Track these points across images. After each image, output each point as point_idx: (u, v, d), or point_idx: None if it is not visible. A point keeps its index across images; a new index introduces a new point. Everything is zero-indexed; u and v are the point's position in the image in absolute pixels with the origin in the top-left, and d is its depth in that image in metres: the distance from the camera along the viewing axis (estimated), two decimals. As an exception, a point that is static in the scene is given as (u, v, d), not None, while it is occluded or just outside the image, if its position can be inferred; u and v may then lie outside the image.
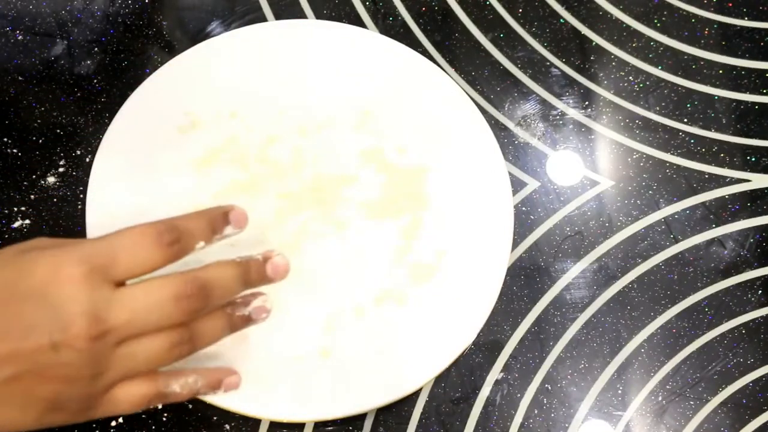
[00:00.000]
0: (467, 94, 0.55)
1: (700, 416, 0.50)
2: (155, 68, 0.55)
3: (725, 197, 0.55)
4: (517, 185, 0.55)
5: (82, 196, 0.53)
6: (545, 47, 0.58)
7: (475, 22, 0.59)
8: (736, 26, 0.60)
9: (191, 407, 0.49)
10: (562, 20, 0.59)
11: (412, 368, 0.49)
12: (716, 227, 0.54)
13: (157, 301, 0.36)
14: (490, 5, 0.59)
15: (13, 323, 0.33)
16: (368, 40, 0.56)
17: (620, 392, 0.51)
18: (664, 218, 0.54)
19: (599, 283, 0.53)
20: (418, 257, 0.51)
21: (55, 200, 0.53)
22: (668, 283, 0.53)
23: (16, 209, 0.52)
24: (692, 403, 0.50)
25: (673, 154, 0.56)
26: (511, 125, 0.56)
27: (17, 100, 0.55)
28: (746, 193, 0.55)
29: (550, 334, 0.52)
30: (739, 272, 0.53)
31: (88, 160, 0.54)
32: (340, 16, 0.58)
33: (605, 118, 0.57)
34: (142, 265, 0.36)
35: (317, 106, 0.54)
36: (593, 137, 0.56)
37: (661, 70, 0.58)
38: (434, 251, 0.51)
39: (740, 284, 0.53)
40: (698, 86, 0.58)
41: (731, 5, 0.60)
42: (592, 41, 0.59)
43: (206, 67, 0.55)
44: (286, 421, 0.48)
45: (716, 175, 0.56)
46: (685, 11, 0.60)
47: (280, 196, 0.52)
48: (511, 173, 0.54)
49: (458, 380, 0.50)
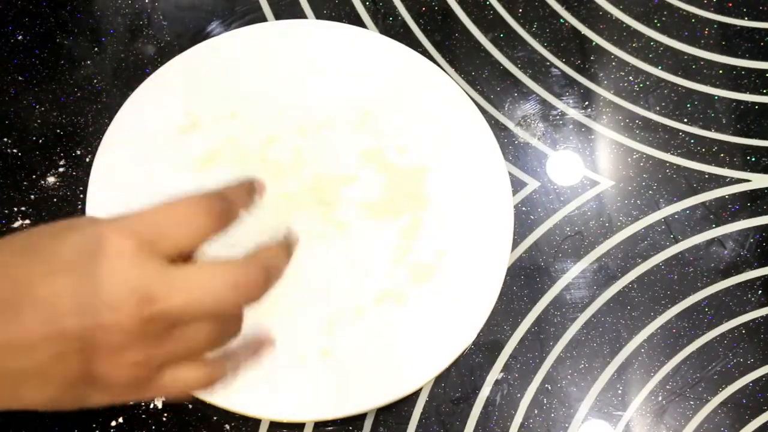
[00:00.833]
0: (467, 94, 0.55)
1: (700, 416, 0.50)
2: (155, 68, 0.55)
3: (725, 197, 0.55)
4: (517, 185, 0.55)
5: (82, 196, 0.53)
6: (545, 47, 0.58)
7: (475, 22, 0.59)
8: (736, 26, 0.60)
9: (191, 407, 0.49)
10: (562, 20, 0.59)
11: (412, 368, 0.49)
12: (716, 227, 0.54)
13: (215, 286, 0.33)
14: (490, 5, 0.59)
15: (60, 300, 0.31)
16: (368, 40, 0.56)
17: (620, 392, 0.51)
18: (664, 218, 0.54)
19: (599, 283, 0.53)
20: (418, 257, 0.51)
21: (55, 200, 0.53)
22: (668, 283, 0.53)
23: (16, 209, 0.52)
24: (692, 403, 0.50)
25: (673, 154, 0.56)
26: (511, 125, 0.56)
27: (17, 100, 0.55)
28: (746, 193, 0.55)
29: (550, 334, 0.52)
30: (739, 272, 0.53)
31: (88, 160, 0.54)
32: (340, 16, 0.58)
33: (605, 118, 0.57)
34: (194, 236, 0.34)
35: (317, 106, 0.54)
36: (593, 137, 0.56)
37: (661, 70, 0.58)
38: (434, 251, 0.51)
39: (740, 284, 0.53)
40: (698, 86, 0.58)
41: (731, 5, 0.60)
42: (592, 41, 0.59)
43: (206, 67, 0.55)
44: (286, 421, 0.48)
45: (716, 175, 0.56)
46: (685, 11, 0.60)
47: (280, 196, 0.52)
48: (511, 173, 0.54)
49: (458, 380, 0.50)
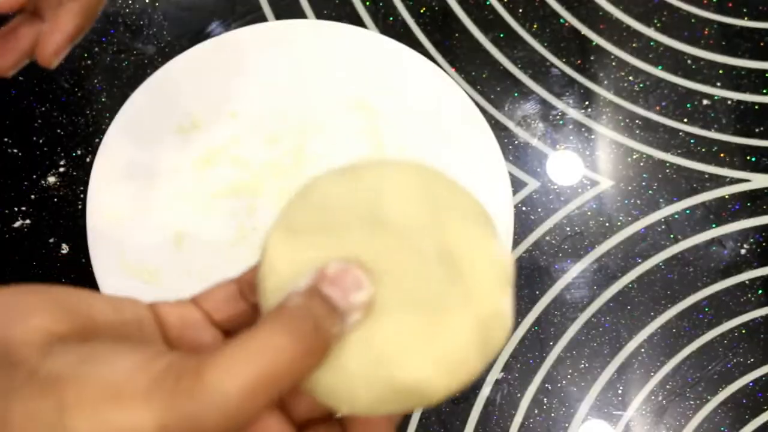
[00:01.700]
0: (467, 94, 0.55)
1: (700, 416, 0.50)
2: (155, 68, 0.55)
3: (725, 197, 0.55)
4: (517, 185, 0.55)
5: (82, 196, 0.53)
6: (545, 47, 0.58)
7: (475, 22, 0.59)
8: (736, 26, 0.60)
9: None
10: (562, 20, 0.59)
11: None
12: (716, 227, 0.54)
13: None
14: (490, 5, 0.59)
15: None
16: (368, 40, 0.56)
17: (620, 392, 0.51)
18: (664, 218, 0.54)
19: (599, 283, 0.53)
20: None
21: (55, 200, 0.53)
22: (668, 283, 0.53)
23: (16, 209, 0.52)
24: (692, 402, 0.50)
25: (673, 154, 0.56)
26: (511, 125, 0.56)
27: (17, 100, 0.55)
28: (746, 193, 0.55)
29: (550, 334, 0.52)
30: (739, 272, 0.53)
31: (88, 160, 0.54)
32: (340, 16, 0.58)
33: (605, 118, 0.57)
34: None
35: (317, 106, 0.54)
36: (593, 137, 0.56)
37: (661, 70, 0.58)
38: (434, 251, 0.51)
39: (740, 284, 0.53)
40: (698, 86, 0.58)
41: (731, 5, 0.60)
42: (592, 41, 0.59)
43: (206, 67, 0.55)
44: (286, 421, 0.48)
45: (716, 175, 0.56)
46: (685, 11, 0.60)
47: (280, 196, 0.52)
48: (511, 173, 0.54)
49: (458, 380, 0.50)
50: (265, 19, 0.58)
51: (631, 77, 0.58)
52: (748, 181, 0.56)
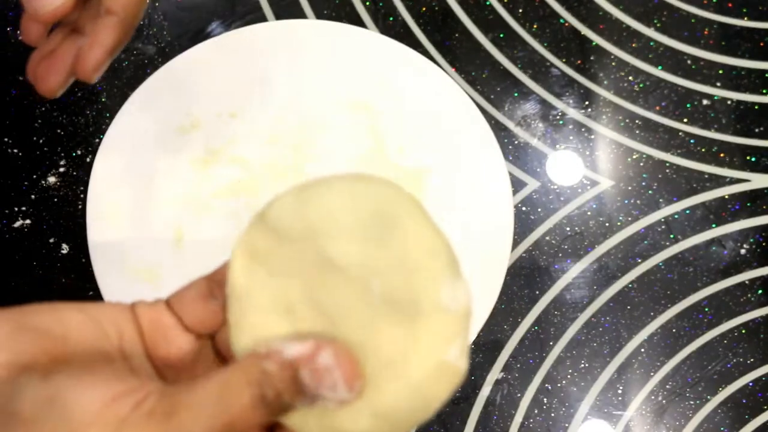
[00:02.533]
0: (467, 94, 0.55)
1: (700, 416, 0.50)
2: (155, 68, 0.55)
3: (725, 197, 0.55)
4: (517, 185, 0.55)
5: (82, 196, 0.53)
6: (545, 47, 0.58)
7: (475, 22, 0.59)
8: (736, 26, 0.60)
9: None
10: (562, 20, 0.59)
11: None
12: (716, 227, 0.54)
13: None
14: (490, 5, 0.59)
15: None
16: (368, 40, 0.56)
17: (620, 392, 0.51)
18: (664, 218, 0.54)
19: (599, 283, 0.53)
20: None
21: (55, 200, 0.53)
22: (668, 283, 0.53)
23: (16, 209, 0.52)
24: (692, 402, 0.50)
25: (673, 154, 0.56)
26: (511, 125, 0.56)
27: (17, 100, 0.55)
28: (746, 193, 0.55)
29: (550, 334, 0.52)
30: (739, 272, 0.53)
31: (88, 160, 0.54)
32: (340, 16, 0.58)
33: (605, 118, 0.57)
34: None
35: (317, 106, 0.54)
36: (593, 137, 0.56)
37: (661, 70, 0.58)
38: (434, 251, 0.51)
39: (740, 284, 0.53)
40: (698, 86, 0.58)
41: (731, 5, 0.60)
42: (592, 41, 0.59)
43: (206, 67, 0.55)
44: (286, 421, 0.48)
45: (716, 175, 0.56)
46: (685, 11, 0.60)
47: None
48: (511, 173, 0.54)
49: (458, 380, 0.50)
50: (265, 19, 0.58)
51: (631, 77, 0.58)
52: (748, 181, 0.56)
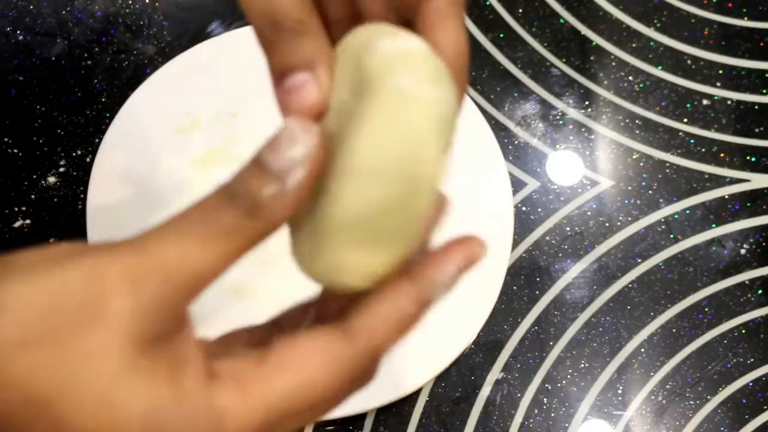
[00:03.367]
0: (467, 94, 0.55)
1: (700, 416, 0.50)
2: (155, 68, 0.55)
3: (725, 197, 0.55)
4: (517, 185, 0.55)
5: (82, 196, 0.53)
6: (545, 47, 0.58)
7: (475, 22, 0.59)
8: (736, 26, 0.60)
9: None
10: (562, 20, 0.59)
11: (412, 368, 0.49)
12: (716, 227, 0.54)
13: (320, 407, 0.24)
14: (490, 5, 0.59)
15: None
16: (368, 40, 0.56)
17: (620, 392, 0.51)
18: (664, 218, 0.54)
19: (599, 283, 0.53)
20: (418, 257, 0.51)
21: (55, 200, 0.53)
22: (668, 283, 0.53)
23: (16, 209, 0.52)
24: (692, 402, 0.50)
25: (673, 154, 0.56)
26: (511, 125, 0.56)
27: (17, 100, 0.55)
28: (746, 193, 0.55)
29: (550, 334, 0.52)
30: (739, 272, 0.53)
31: (88, 160, 0.54)
32: (340, 16, 0.58)
33: (605, 118, 0.57)
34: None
35: (317, 106, 0.54)
36: (593, 137, 0.56)
37: (661, 70, 0.58)
38: (434, 251, 0.51)
39: (740, 284, 0.53)
40: (698, 86, 0.58)
41: (731, 5, 0.60)
42: (592, 41, 0.59)
43: (206, 67, 0.55)
44: (286, 421, 0.48)
45: (716, 175, 0.56)
46: (685, 11, 0.60)
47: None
48: (511, 173, 0.54)
49: (458, 380, 0.50)
50: (265, 19, 0.58)
51: (631, 77, 0.58)
52: (748, 181, 0.56)
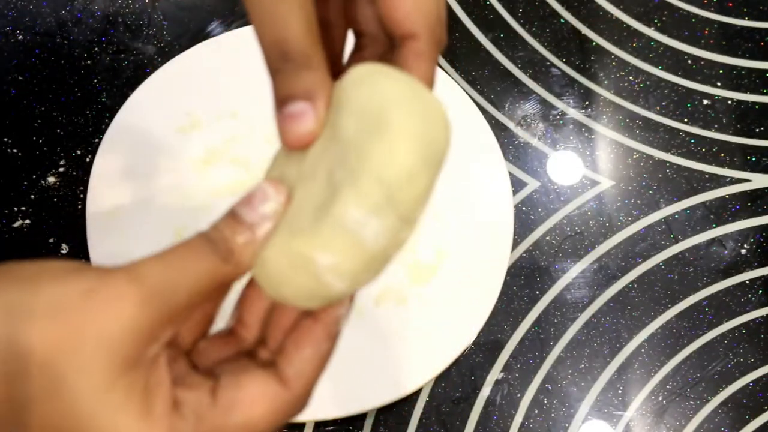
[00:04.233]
0: (467, 94, 0.55)
1: (700, 416, 0.50)
2: (155, 68, 0.55)
3: (725, 197, 0.55)
4: (517, 185, 0.54)
5: (82, 196, 0.53)
6: (545, 47, 0.58)
7: (475, 22, 0.59)
8: (736, 26, 0.60)
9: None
10: (562, 20, 0.59)
11: (412, 368, 0.49)
12: (716, 227, 0.54)
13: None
14: (490, 5, 0.59)
15: None
16: (368, 40, 0.56)
17: (620, 392, 0.51)
18: (664, 218, 0.54)
19: (599, 283, 0.53)
20: (418, 257, 0.51)
21: (55, 200, 0.53)
22: (668, 283, 0.53)
23: (16, 209, 0.52)
24: (692, 403, 0.50)
25: (673, 154, 0.56)
26: (511, 125, 0.56)
27: (17, 100, 0.55)
28: (746, 193, 0.55)
29: (550, 334, 0.52)
30: (739, 272, 0.53)
31: (88, 160, 0.54)
32: (340, 16, 0.58)
33: (605, 118, 0.57)
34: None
35: (317, 106, 0.54)
36: (593, 137, 0.56)
37: (661, 70, 0.58)
38: (434, 251, 0.51)
39: (740, 284, 0.53)
40: (698, 86, 0.58)
41: (731, 5, 0.60)
42: (592, 41, 0.59)
43: (206, 67, 0.55)
44: (286, 421, 0.48)
45: (716, 175, 0.56)
46: (685, 11, 0.60)
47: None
48: (511, 173, 0.54)
49: (458, 380, 0.50)
50: (265, 19, 0.58)
51: (631, 77, 0.58)
52: (748, 181, 0.56)
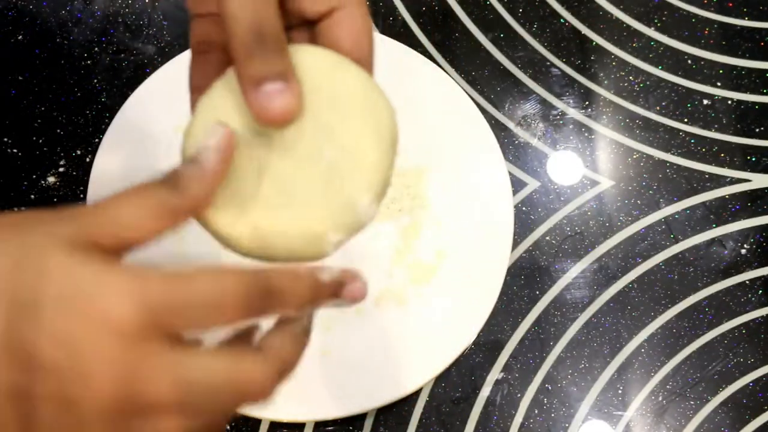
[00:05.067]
0: (467, 94, 0.55)
1: (700, 416, 0.50)
2: (155, 68, 0.55)
3: (725, 197, 0.55)
4: (517, 185, 0.54)
5: (82, 196, 0.53)
6: (545, 47, 0.58)
7: (475, 22, 0.59)
8: (736, 26, 0.60)
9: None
10: (562, 20, 0.59)
11: (412, 368, 0.49)
12: (716, 227, 0.54)
13: (213, 384, 0.26)
14: (490, 5, 0.59)
15: (26, 349, 0.24)
16: (368, 40, 0.56)
17: (620, 392, 0.51)
18: (664, 218, 0.54)
19: (599, 283, 0.53)
20: (418, 257, 0.51)
21: (55, 200, 0.53)
22: (668, 283, 0.53)
23: (16, 209, 0.52)
24: (692, 403, 0.50)
25: (673, 154, 0.56)
26: (511, 125, 0.56)
27: (17, 100, 0.55)
28: (746, 193, 0.55)
29: (550, 334, 0.52)
30: (739, 272, 0.53)
31: (88, 160, 0.54)
32: (340, 16, 0.58)
33: (605, 118, 0.57)
34: (214, 325, 0.27)
35: (317, 106, 0.54)
36: (593, 137, 0.56)
37: (661, 70, 0.58)
38: (434, 251, 0.51)
39: (740, 284, 0.53)
40: (698, 86, 0.58)
41: (731, 5, 0.60)
42: (592, 41, 0.59)
43: (206, 67, 0.55)
44: (286, 420, 0.48)
45: (716, 175, 0.56)
46: (685, 11, 0.60)
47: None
48: (511, 173, 0.54)
49: (458, 380, 0.50)
50: (265, 19, 0.58)
51: (631, 77, 0.58)
52: (748, 181, 0.56)
